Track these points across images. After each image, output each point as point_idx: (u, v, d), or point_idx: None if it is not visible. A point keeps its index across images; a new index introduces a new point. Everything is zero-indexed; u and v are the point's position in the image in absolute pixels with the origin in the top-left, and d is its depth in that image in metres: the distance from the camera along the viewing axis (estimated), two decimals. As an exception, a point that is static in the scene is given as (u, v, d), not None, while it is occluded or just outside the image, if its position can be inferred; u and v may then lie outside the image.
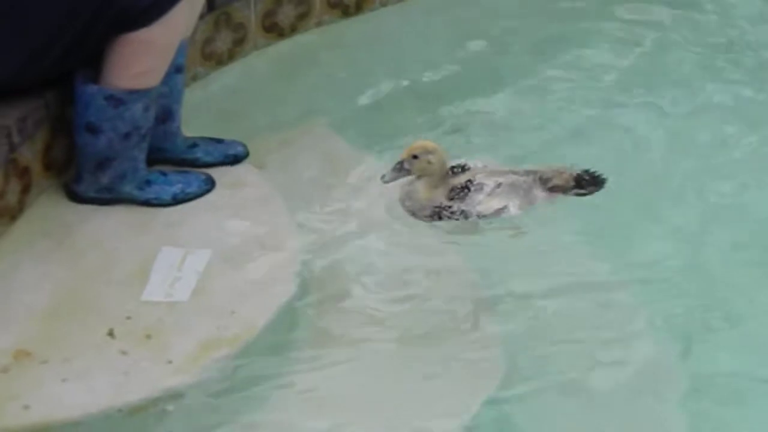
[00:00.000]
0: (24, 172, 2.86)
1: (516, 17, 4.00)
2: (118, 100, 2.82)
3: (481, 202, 3.06)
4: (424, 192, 3.07)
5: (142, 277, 2.72)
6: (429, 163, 3.04)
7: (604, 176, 3.17)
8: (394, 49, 3.81)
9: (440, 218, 3.06)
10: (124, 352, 2.52)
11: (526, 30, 3.94)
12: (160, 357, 2.51)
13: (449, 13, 4.00)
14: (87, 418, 2.38)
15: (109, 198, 2.95)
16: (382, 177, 3.06)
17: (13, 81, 2.79)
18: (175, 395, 2.45)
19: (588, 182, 3.16)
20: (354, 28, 3.88)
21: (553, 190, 3.13)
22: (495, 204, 3.07)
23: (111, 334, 2.56)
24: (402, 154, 3.05)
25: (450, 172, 3.11)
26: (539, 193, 3.12)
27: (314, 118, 3.44)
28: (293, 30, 3.79)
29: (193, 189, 3.02)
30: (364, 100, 3.51)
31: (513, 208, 3.07)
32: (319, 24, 3.86)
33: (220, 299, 2.67)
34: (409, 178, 3.08)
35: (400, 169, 3.05)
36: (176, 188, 2.99)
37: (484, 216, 3.07)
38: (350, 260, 2.89)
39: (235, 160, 3.16)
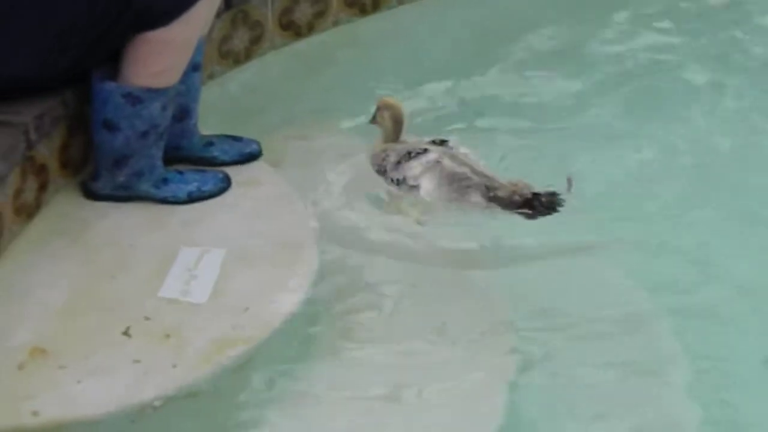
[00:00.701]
0: (41, 170, 2.87)
1: (536, 16, 4.01)
2: (136, 98, 2.83)
3: (411, 168, 3.05)
4: (376, 144, 3.17)
5: (158, 275, 2.72)
6: (382, 118, 3.15)
7: (563, 203, 2.97)
8: (411, 47, 3.82)
9: (377, 172, 3.12)
10: (140, 351, 2.52)
11: (545, 28, 3.94)
12: (176, 355, 2.51)
13: (467, 11, 4.01)
14: (103, 417, 2.37)
15: (125, 196, 2.96)
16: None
17: (33, 79, 2.80)
18: (192, 394, 2.45)
19: (541, 205, 2.96)
20: (371, 26, 3.89)
21: (491, 200, 2.99)
22: (417, 174, 3.03)
23: (127, 332, 2.56)
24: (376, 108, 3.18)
25: (423, 140, 3.13)
26: (477, 199, 3.00)
27: (331, 116, 3.46)
28: (310, 28, 3.80)
29: (209, 187, 3.03)
30: (378, 94, 3.49)
31: (428, 189, 3.02)
32: (336, 22, 3.86)
33: (236, 298, 2.68)
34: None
35: (373, 118, 3.19)
36: (192, 186, 3.00)
37: (403, 183, 3.06)
38: (368, 258, 2.90)
39: (251, 158, 3.17)
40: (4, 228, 2.73)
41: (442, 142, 3.16)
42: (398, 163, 3.10)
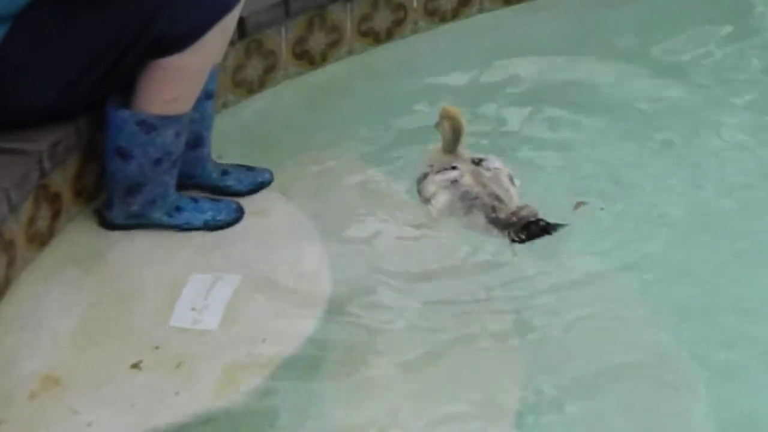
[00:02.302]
0: (54, 199, 2.90)
1: (552, 42, 3.99)
2: (149, 126, 2.86)
3: (433, 182, 3.09)
4: (435, 150, 3.17)
5: (171, 304, 2.74)
6: (442, 126, 3.14)
7: (555, 231, 2.93)
8: (426, 76, 3.81)
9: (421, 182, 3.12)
10: (151, 380, 2.53)
11: (565, 53, 3.92)
12: (188, 384, 2.53)
13: (483, 39, 4.01)
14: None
15: (139, 224, 2.98)
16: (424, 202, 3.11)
17: (49, 110, 2.83)
18: (205, 422, 2.46)
19: (538, 229, 2.93)
20: (385, 55, 3.89)
21: (490, 222, 2.98)
22: (431, 191, 3.07)
23: (139, 363, 2.58)
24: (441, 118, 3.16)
25: (468, 155, 3.13)
26: (479, 220, 3.00)
27: (345, 146, 3.44)
28: (324, 58, 3.81)
29: (223, 217, 3.05)
30: (395, 128, 3.52)
31: (438, 207, 3.05)
32: (350, 52, 3.86)
33: (249, 326, 2.70)
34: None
35: (437, 124, 3.17)
36: (207, 215, 3.03)
37: (419, 194, 3.11)
38: (382, 285, 2.90)
39: (263, 187, 3.21)
40: (16, 256, 2.75)
41: (480, 161, 3.13)
42: (425, 175, 3.14)
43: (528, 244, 2.94)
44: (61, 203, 2.94)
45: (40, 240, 2.87)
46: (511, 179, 3.11)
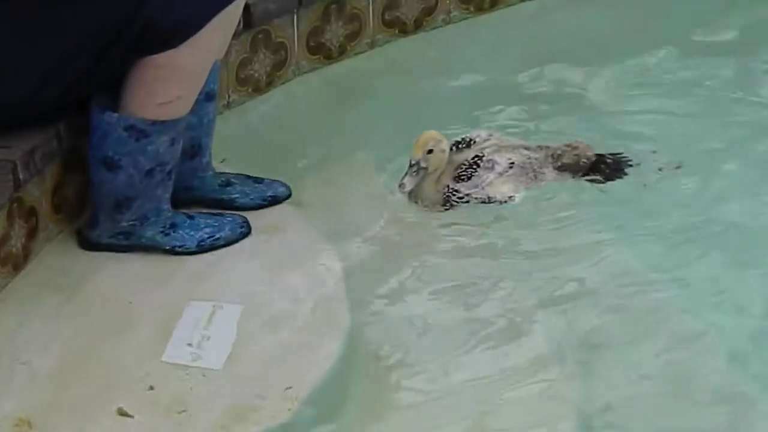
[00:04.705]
0: (30, 214, 2.90)
1: (596, 33, 4.04)
2: (140, 132, 2.86)
3: (491, 183, 3.22)
4: (433, 186, 3.22)
5: (164, 338, 2.75)
6: (442, 152, 3.20)
7: (630, 162, 3.30)
8: (460, 73, 3.84)
9: (451, 205, 3.22)
10: (141, 427, 2.53)
11: (608, 49, 3.97)
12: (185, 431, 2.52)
13: (524, 31, 4.05)
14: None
15: (127, 244, 2.99)
16: (401, 187, 3.19)
17: (22, 108, 2.83)
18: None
19: (608, 167, 3.28)
20: (413, 48, 3.92)
21: (561, 169, 3.27)
22: (505, 189, 3.22)
23: (126, 408, 2.57)
24: (415, 153, 3.18)
25: (454, 148, 3.28)
26: (548, 173, 3.27)
27: (368, 154, 3.46)
28: (342, 51, 3.83)
29: (224, 234, 3.06)
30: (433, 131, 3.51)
31: (519, 197, 3.23)
32: (372, 44, 3.89)
33: (255, 364, 2.70)
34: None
35: (418, 169, 3.18)
36: (205, 233, 3.03)
37: (490, 201, 3.22)
38: (406, 316, 2.91)
39: (274, 201, 3.22)
40: (-13, 282, 2.78)
41: (469, 143, 3.30)
42: (467, 179, 3.24)
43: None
44: (38, 220, 2.94)
45: (14, 263, 2.86)
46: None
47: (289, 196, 3.23)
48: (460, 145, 3.30)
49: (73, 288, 2.89)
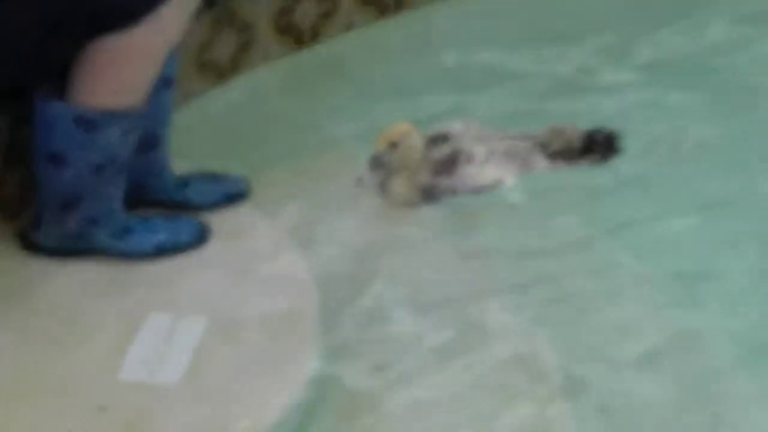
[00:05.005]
0: (-34, 216, 2.90)
1: (595, 16, 4.08)
2: (89, 123, 2.84)
3: (474, 174, 3.27)
4: (403, 186, 3.24)
5: (119, 353, 2.74)
6: (410, 147, 3.21)
7: (619, 135, 3.38)
8: (445, 58, 3.85)
9: (432, 199, 3.24)
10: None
11: (606, 28, 4.01)
12: (141, 457, 2.52)
13: (517, 13, 4.08)
14: None
15: (76, 249, 2.98)
16: (358, 182, 3.24)
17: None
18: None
19: (602, 145, 3.36)
20: (393, 31, 3.95)
21: (554, 156, 3.34)
22: (492, 173, 3.27)
23: (79, 428, 2.56)
24: (377, 145, 3.20)
25: (431, 145, 3.30)
26: (540, 161, 3.33)
27: (342, 147, 3.46)
28: (315, 33, 3.84)
29: (183, 238, 3.05)
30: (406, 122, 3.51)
31: (510, 179, 3.27)
32: (348, 26, 3.90)
33: (219, 382, 2.69)
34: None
35: (379, 164, 3.22)
36: (161, 237, 3.03)
37: (477, 191, 3.26)
38: (386, 329, 2.90)
39: (236, 199, 3.23)
40: None
41: (445, 137, 3.33)
42: (447, 174, 3.26)
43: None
44: (-25, 222, 2.93)
45: (-50, 270, 2.86)
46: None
47: (249, 193, 3.24)
48: (435, 139, 3.33)
49: (15, 297, 2.88)
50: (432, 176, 3.26)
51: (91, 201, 2.92)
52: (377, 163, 3.22)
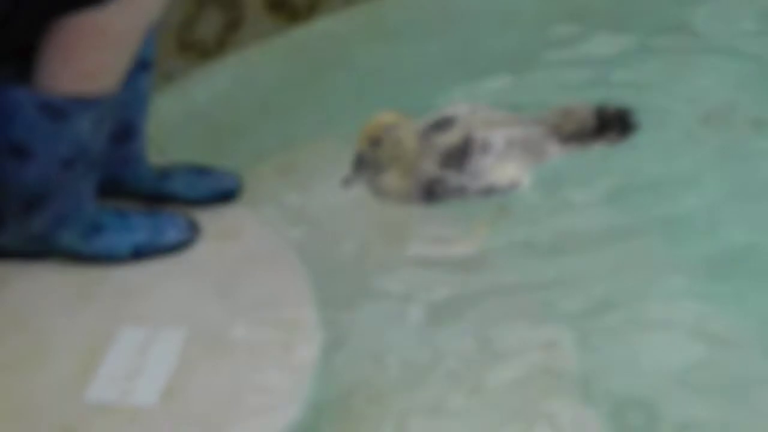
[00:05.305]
0: None
1: None
2: (56, 111, 2.82)
3: (490, 169, 3.25)
4: (397, 182, 3.23)
5: (87, 370, 2.73)
6: (399, 142, 3.20)
7: (630, 110, 3.40)
8: (456, 38, 3.89)
9: (436, 197, 3.24)
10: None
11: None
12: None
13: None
14: None
15: (41, 251, 2.97)
16: (344, 182, 3.22)
17: None
18: None
19: (617, 122, 3.40)
20: (399, 7, 3.98)
21: (568, 140, 3.35)
22: (509, 173, 3.26)
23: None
24: (359, 142, 3.19)
25: (431, 129, 3.30)
26: (551, 148, 3.34)
27: (340, 138, 3.44)
28: (312, 9, 3.89)
29: (165, 239, 3.05)
30: (413, 111, 3.49)
31: (527, 182, 3.28)
32: (348, 2, 3.91)
33: (199, 402, 2.69)
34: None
35: (362, 163, 3.20)
36: (139, 237, 3.02)
37: (491, 191, 3.26)
38: (385, 345, 2.92)
39: (224, 197, 3.23)
40: None
41: (451, 120, 3.31)
42: (457, 166, 3.25)
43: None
44: (-72, 223, 2.94)
45: None
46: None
47: (241, 190, 3.23)
48: (439, 124, 3.31)
49: (-27, 306, 2.91)
50: (439, 168, 3.25)
51: (58, 199, 2.91)
52: (361, 163, 3.22)
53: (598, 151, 3.34)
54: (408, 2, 4.01)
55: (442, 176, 3.24)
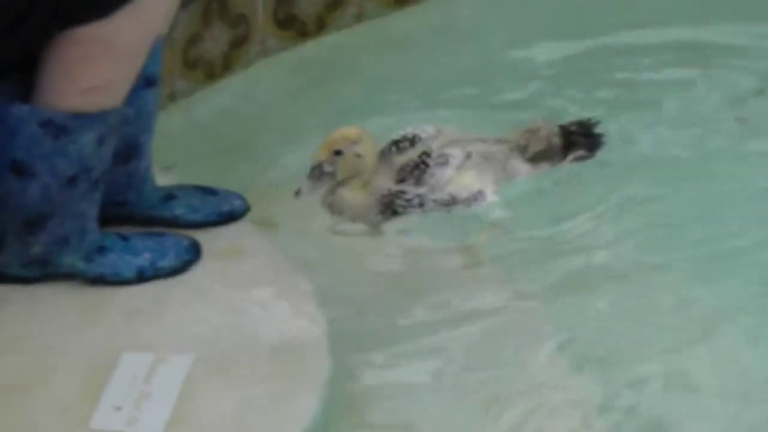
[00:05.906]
0: None
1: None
2: (59, 128, 2.80)
3: (449, 181, 3.25)
4: (354, 197, 3.25)
5: (91, 397, 2.70)
6: (358, 156, 3.21)
7: (598, 124, 3.44)
8: (468, 50, 3.90)
9: (394, 212, 3.26)
10: None
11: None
12: None
13: (544, 6, 4.17)
14: None
15: (42, 275, 2.95)
16: (297, 193, 3.22)
17: None
18: None
19: (582, 137, 3.41)
20: (410, 20, 4.00)
21: (535, 159, 3.34)
22: (469, 182, 3.26)
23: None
24: (318, 153, 3.21)
25: (395, 149, 3.32)
26: (520, 166, 3.34)
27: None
28: (320, 26, 3.93)
29: (168, 261, 3.03)
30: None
31: (490, 193, 3.28)
32: (359, 16, 3.94)
33: (206, 430, 2.66)
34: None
35: (320, 174, 3.22)
36: (143, 260, 3.01)
37: (452, 203, 3.26)
38: (399, 357, 2.93)
39: (231, 218, 3.21)
40: None
41: (413, 140, 3.33)
42: (415, 180, 3.27)
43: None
44: (-76, 243, 2.92)
45: None
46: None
47: (248, 210, 3.22)
48: (400, 144, 3.33)
49: (-27, 331, 2.89)
50: (394, 183, 3.26)
51: (60, 219, 2.89)
52: (318, 174, 3.22)
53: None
54: (416, 18, 4.06)
55: (401, 188, 3.25)
